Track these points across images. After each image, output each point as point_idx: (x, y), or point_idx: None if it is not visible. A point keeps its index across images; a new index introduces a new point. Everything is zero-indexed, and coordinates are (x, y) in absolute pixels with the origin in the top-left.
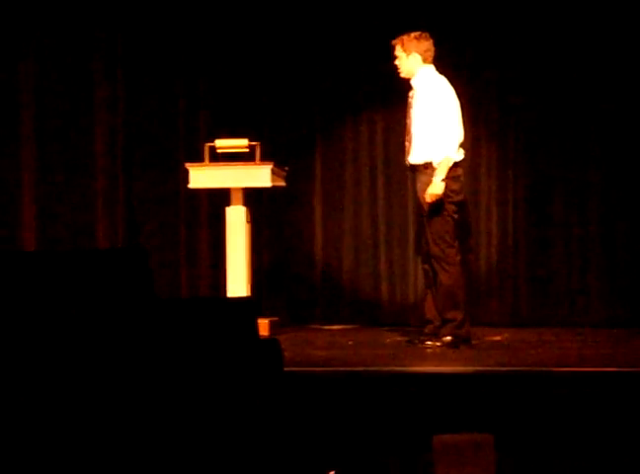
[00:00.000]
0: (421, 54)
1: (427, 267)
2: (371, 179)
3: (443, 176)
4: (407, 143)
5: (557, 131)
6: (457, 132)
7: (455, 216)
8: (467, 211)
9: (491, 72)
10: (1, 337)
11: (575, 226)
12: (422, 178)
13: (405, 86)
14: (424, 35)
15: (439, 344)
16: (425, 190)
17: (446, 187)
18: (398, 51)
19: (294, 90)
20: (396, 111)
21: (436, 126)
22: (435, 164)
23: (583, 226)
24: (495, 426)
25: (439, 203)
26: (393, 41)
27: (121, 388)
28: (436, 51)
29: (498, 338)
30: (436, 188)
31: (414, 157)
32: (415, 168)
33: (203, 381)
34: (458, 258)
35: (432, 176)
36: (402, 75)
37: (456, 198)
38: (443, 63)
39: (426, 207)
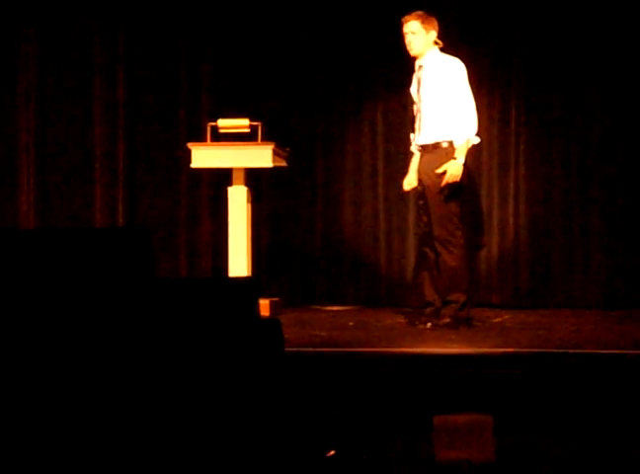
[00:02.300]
0: (437, 33)
1: (426, 249)
2: (372, 159)
3: (464, 158)
4: (415, 123)
5: (558, 114)
6: (475, 115)
7: (462, 198)
8: (470, 194)
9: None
10: None
11: (575, 207)
12: (429, 158)
13: (408, 66)
14: None
15: (439, 325)
16: (431, 170)
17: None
18: (416, 27)
19: (296, 70)
20: (399, 91)
21: (454, 107)
22: (445, 144)
23: (583, 207)
24: (494, 407)
25: (452, 185)
26: (409, 17)
27: (120, 369)
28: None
29: (498, 319)
30: (457, 169)
31: (423, 137)
32: (422, 148)
33: (203, 362)
34: (463, 240)
35: (440, 156)
36: (413, 53)
37: (465, 181)
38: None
39: (436, 188)
